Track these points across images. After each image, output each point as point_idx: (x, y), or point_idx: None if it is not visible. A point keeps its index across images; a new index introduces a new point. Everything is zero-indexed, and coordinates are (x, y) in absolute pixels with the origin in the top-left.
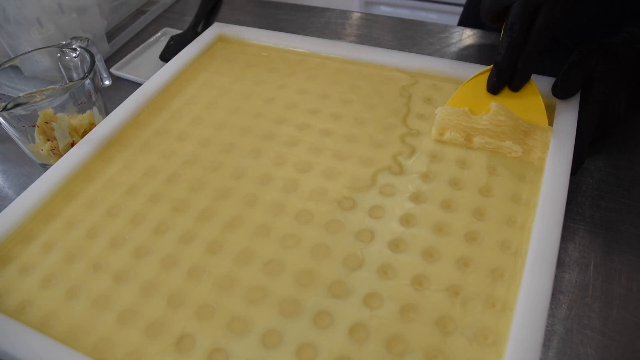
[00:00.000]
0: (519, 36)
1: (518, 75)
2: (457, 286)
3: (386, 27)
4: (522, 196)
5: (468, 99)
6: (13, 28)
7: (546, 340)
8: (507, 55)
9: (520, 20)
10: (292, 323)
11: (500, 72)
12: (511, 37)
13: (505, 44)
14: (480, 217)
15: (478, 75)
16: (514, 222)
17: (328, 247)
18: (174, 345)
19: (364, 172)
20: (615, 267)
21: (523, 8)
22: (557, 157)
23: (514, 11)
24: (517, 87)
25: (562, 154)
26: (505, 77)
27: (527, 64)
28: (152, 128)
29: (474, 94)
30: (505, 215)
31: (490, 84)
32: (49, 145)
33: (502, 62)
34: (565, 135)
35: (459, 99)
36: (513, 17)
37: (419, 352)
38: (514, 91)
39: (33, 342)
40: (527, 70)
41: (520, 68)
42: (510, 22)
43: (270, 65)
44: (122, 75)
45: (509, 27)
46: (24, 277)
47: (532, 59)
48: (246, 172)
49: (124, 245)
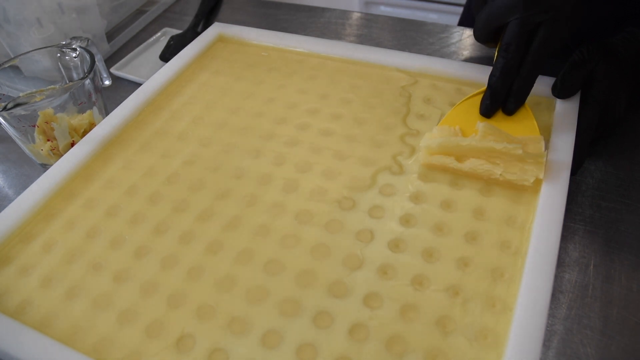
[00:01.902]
0: (515, 57)
1: (513, 98)
2: (457, 286)
3: (386, 27)
4: (523, 197)
5: (460, 121)
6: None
7: (546, 340)
8: (501, 77)
9: (517, 41)
10: (292, 323)
11: (494, 94)
12: (506, 59)
13: (500, 65)
14: (481, 217)
15: (471, 97)
16: (514, 222)
17: (328, 247)
18: (174, 345)
19: (364, 172)
20: (615, 267)
21: (520, 27)
22: (557, 158)
23: (509, 30)
24: (511, 110)
25: (562, 154)
26: (499, 100)
27: (523, 87)
28: (152, 128)
29: (466, 116)
30: (506, 215)
31: (483, 106)
32: (49, 145)
33: (496, 84)
34: (565, 135)
35: (451, 122)
36: (509, 36)
37: (419, 352)
38: (507, 115)
39: (33, 342)
40: (522, 94)
41: (515, 91)
42: (506, 42)
43: (270, 65)
44: (122, 75)
45: (504, 47)
46: (24, 277)
47: (528, 82)
48: (246, 172)
49: (124, 245)
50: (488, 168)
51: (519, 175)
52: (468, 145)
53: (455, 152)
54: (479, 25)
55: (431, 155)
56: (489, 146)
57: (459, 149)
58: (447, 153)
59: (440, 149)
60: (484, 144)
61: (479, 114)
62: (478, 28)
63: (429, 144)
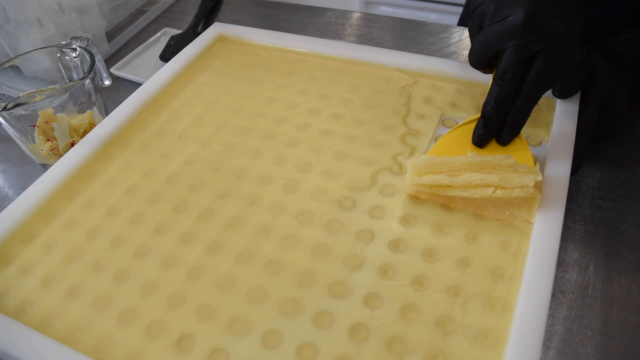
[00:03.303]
0: (510, 86)
1: (507, 129)
2: (457, 286)
3: (386, 27)
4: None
5: (450, 151)
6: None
7: (546, 340)
8: (496, 106)
9: (513, 69)
10: (292, 323)
11: (488, 124)
12: (501, 87)
13: (495, 94)
14: (481, 217)
15: (462, 125)
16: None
17: (328, 247)
18: (174, 345)
19: (364, 172)
20: (615, 267)
21: (517, 55)
22: (557, 157)
23: (505, 58)
24: (505, 141)
25: (562, 154)
26: (492, 129)
27: (518, 118)
28: (152, 128)
29: (457, 146)
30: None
31: (475, 135)
32: (49, 145)
33: (490, 114)
34: (565, 135)
35: (441, 149)
36: (505, 64)
37: (419, 352)
38: (501, 145)
39: (33, 342)
40: (517, 125)
41: (509, 121)
42: (501, 70)
43: (270, 65)
44: (122, 75)
45: (499, 75)
46: (24, 277)
47: (524, 113)
48: (246, 172)
49: (124, 245)
50: (482, 177)
51: (517, 182)
52: (458, 161)
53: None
54: (473, 51)
55: (420, 176)
56: (481, 161)
57: (449, 166)
58: (436, 172)
59: (429, 168)
60: (476, 159)
61: (471, 143)
62: (473, 53)
63: (417, 162)
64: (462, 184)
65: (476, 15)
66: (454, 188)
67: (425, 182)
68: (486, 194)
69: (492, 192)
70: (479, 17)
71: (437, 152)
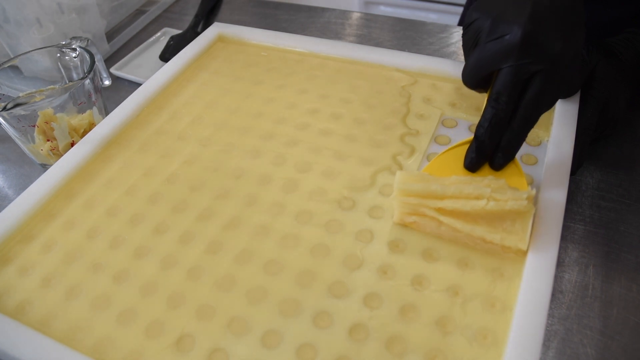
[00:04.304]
0: (505, 109)
1: (501, 153)
2: (457, 286)
3: (386, 27)
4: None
5: (443, 172)
6: (13, 28)
7: (546, 340)
8: (490, 129)
9: (509, 91)
10: (292, 323)
11: (481, 147)
12: (496, 109)
13: (489, 116)
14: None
15: (454, 148)
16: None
17: (328, 247)
18: (174, 345)
19: (364, 172)
20: (615, 267)
21: (513, 76)
22: (557, 157)
23: (501, 79)
24: (499, 166)
25: (562, 154)
26: (485, 153)
27: (513, 142)
28: (152, 128)
29: (450, 168)
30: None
31: (468, 159)
32: (49, 145)
33: (483, 137)
34: (565, 135)
35: (432, 171)
36: (500, 85)
37: (419, 352)
38: (495, 170)
39: (33, 342)
40: (512, 149)
41: (504, 145)
42: (496, 91)
43: (270, 65)
44: (122, 75)
45: (494, 96)
46: (24, 277)
47: (519, 137)
48: (246, 172)
49: (123, 245)
50: (475, 187)
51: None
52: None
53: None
54: (467, 70)
55: (407, 197)
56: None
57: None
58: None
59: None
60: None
61: (462, 167)
62: (466, 73)
63: (404, 187)
64: (453, 193)
65: (471, 31)
66: (445, 199)
67: (415, 190)
68: (478, 206)
69: (484, 204)
70: (474, 33)
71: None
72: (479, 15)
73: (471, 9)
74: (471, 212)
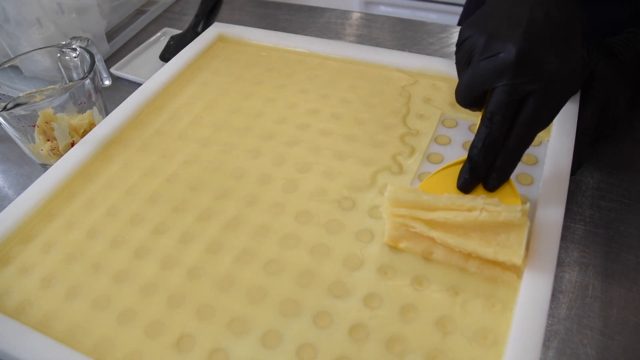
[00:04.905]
0: (500, 129)
1: (495, 174)
2: (457, 286)
3: (386, 27)
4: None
5: (435, 192)
6: (13, 28)
7: (546, 340)
8: (483, 149)
9: (503, 111)
10: (292, 323)
11: (474, 168)
12: (490, 129)
13: (483, 136)
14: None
15: (448, 167)
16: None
17: (328, 247)
18: (174, 345)
19: (364, 172)
20: (615, 267)
21: (507, 95)
22: (557, 157)
23: (495, 98)
24: (493, 187)
25: (562, 154)
26: (479, 174)
27: (508, 163)
28: (152, 128)
29: (443, 188)
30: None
31: (461, 180)
32: (49, 145)
33: (477, 157)
34: (565, 135)
35: (425, 191)
36: (494, 105)
37: (419, 352)
38: (488, 191)
39: (33, 342)
40: (506, 170)
41: (498, 166)
42: (490, 110)
43: (270, 65)
44: (122, 75)
45: (487, 116)
46: (24, 277)
47: (514, 158)
48: (246, 172)
49: (123, 245)
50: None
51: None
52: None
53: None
54: (460, 88)
55: (398, 207)
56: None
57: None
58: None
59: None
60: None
61: (456, 187)
62: (459, 91)
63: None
64: (445, 204)
65: (464, 49)
66: (437, 210)
67: (406, 200)
68: (470, 217)
69: (477, 215)
70: (468, 51)
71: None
72: (472, 32)
73: (464, 26)
74: (464, 225)
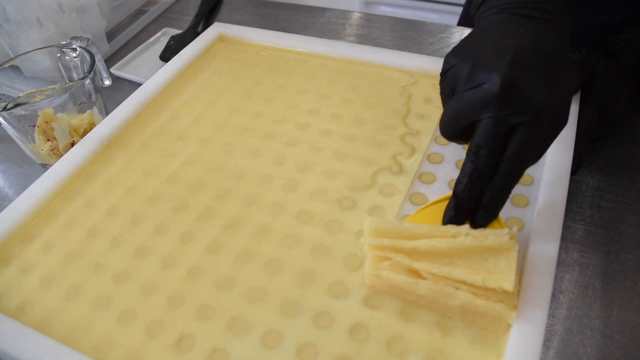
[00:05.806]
0: (486, 163)
1: (482, 211)
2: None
3: (386, 27)
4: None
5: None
6: (13, 28)
7: (546, 340)
8: (469, 185)
9: (489, 144)
10: (292, 323)
11: (460, 205)
12: (476, 164)
13: (468, 171)
14: None
15: (435, 203)
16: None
17: (328, 247)
18: (174, 345)
19: (364, 172)
20: (615, 267)
21: (492, 128)
22: (557, 157)
23: (481, 131)
24: (479, 225)
25: (562, 154)
26: (465, 211)
27: (495, 200)
28: (152, 128)
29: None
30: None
31: (446, 218)
32: (49, 145)
33: (462, 194)
34: (565, 135)
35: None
36: (479, 138)
37: (419, 352)
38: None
39: (33, 342)
40: (494, 207)
41: (485, 203)
42: (476, 144)
43: (270, 65)
44: (122, 75)
45: (473, 149)
46: (24, 277)
47: (502, 194)
48: (246, 172)
49: (124, 245)
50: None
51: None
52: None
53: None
54: (444, 121)
55: (379, 238)
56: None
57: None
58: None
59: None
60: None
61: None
62: (444, 124)
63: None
64: (428, 231)
65: (448, 78)
66: (419, 237)
67: (387, 228)
68: (456, 243)
69: (462, 241)
70: (452, 80)
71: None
72: (457, 60)
73: (449, 54)
74: (449, 252)
